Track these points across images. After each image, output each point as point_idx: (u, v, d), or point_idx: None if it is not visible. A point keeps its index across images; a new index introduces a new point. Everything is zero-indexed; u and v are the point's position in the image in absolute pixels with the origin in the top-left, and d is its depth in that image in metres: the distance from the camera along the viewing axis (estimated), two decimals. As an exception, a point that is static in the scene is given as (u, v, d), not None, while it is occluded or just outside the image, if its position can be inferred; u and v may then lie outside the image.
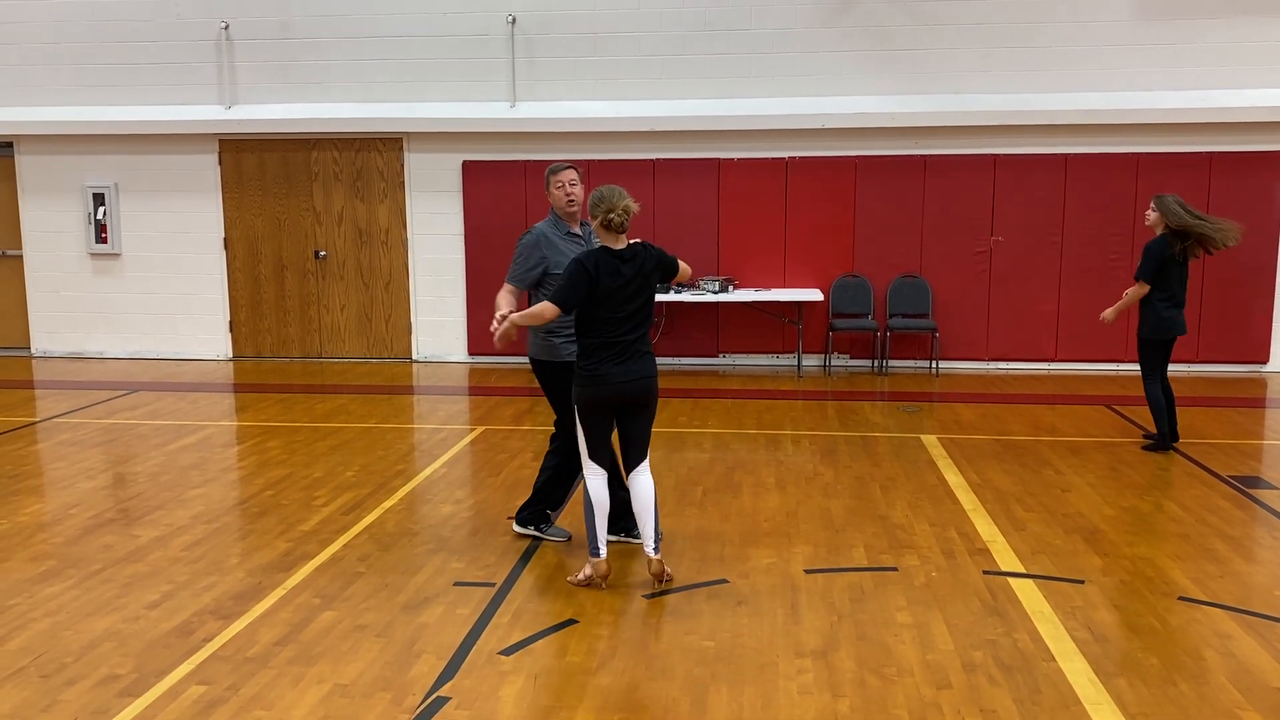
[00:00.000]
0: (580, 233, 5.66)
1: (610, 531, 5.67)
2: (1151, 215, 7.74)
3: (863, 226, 11.43)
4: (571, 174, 5.63)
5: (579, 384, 5.12)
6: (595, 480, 5.21)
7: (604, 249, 5.07)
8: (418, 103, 11.73)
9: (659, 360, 5.45)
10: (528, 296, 5.62)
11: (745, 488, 6.96)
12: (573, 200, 5.60)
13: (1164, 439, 7.86)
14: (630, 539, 5.76)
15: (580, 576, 5.24)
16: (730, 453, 7.94)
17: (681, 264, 5.39)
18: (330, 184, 12.10)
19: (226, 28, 11.85)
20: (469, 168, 11.74)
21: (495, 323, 5.19)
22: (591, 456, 5.21)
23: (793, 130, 11.30)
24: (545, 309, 5.03)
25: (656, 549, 5.20)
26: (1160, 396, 7.81)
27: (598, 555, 5.18)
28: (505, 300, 5.41)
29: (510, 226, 10.81)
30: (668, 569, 5.27)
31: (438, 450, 8.04)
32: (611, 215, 5.01)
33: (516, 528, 5.97)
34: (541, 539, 5.89)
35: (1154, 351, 7.81)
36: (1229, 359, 11.19)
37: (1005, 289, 11.33)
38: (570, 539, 5.84)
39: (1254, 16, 10.81)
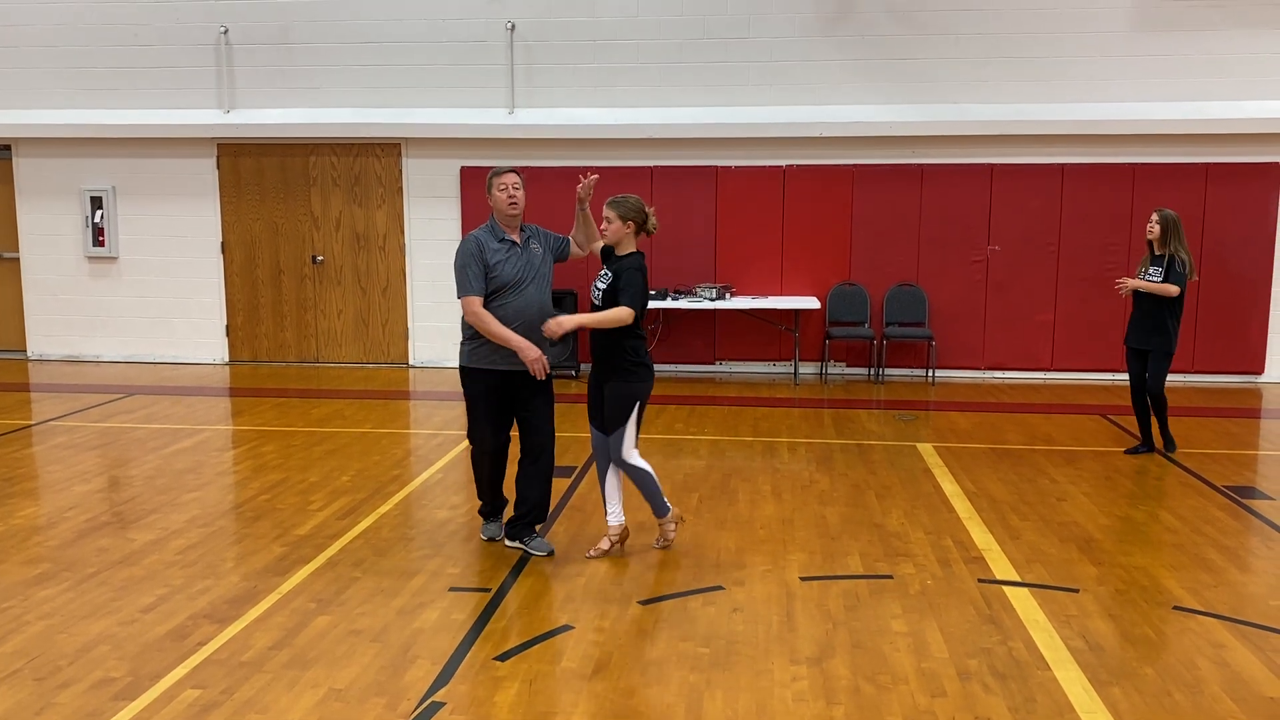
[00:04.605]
0: (517, 239, 5.57)
1: (510, 538, 5.86)
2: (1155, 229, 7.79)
3: (860, 235, 11.45)
4: (515, 177, 5.57)
5: (639, 379, 5.49)
6: (645, 462, 5.64)
7: (635, 255, 5.49)
8: (416, 108, 11.74)
9: (657, 366, 5.92)
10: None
11: (741, 495, 6.97)
12: (514, 202, 5.52)
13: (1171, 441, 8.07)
14: (525, 548, 5.77)
15: (670, 532, 5.82)
16: (726, 460, 7.94)
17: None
18: (328, 189, 12.11)
19: (225, 32, 11.86)
20: (467, 174, 11.75)
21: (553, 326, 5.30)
22: (636, 446, 5.60)
23: (790, 139, 11.32)
24: (625, 313, 5.31)
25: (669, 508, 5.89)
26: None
27: (667, 512, 5.80)
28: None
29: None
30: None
31: (433, 455, 8.04)
32: (653, 221, 5.55)
33: (508, 543, 5.91)
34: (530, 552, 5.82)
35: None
36: (1224, 369, 11.21)
37: (1001, 298, 11.36)
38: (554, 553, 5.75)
39: (1250, 28, 10.85)
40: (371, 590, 5.25)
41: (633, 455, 5.57)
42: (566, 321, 5.30)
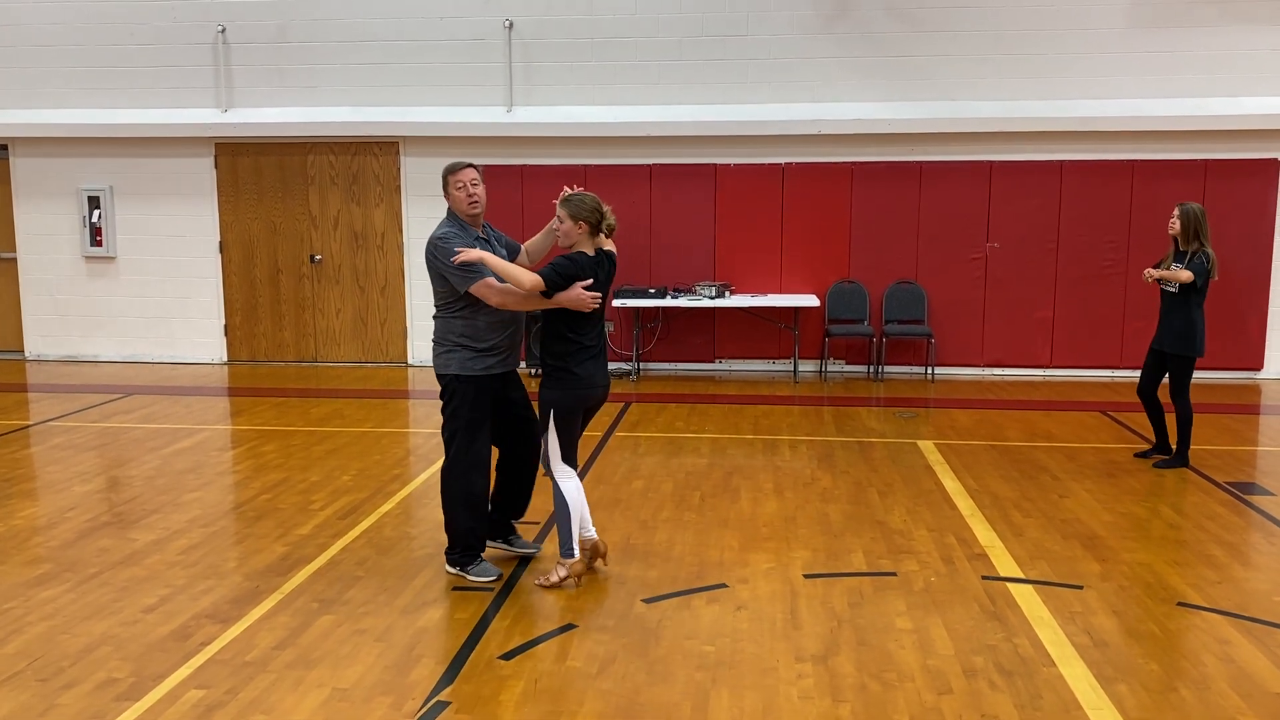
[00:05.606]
0: (484, 235, 5.30)
1: (491, 540, 5.61)
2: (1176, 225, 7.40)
3: (859, 232, 11.45)
4: (472, 173, 5.19)
5: (561, 387, 5.12)
6: (570, 483, 5.21)
7: (582, 253, 5.13)
8: (414, 107, 11.72)
9: (657, 365, 5.56)
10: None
11: (743, 493, 6.96)
12: (475, 201, 5.19)
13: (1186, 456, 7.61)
14: (511, 548, 5.68)
15: (553, 578, 5.23)
16: (728, 458, 7.94)
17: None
18: (326, 188, 12.09)
19: (223, 31, 11.83)
20: (465, 172, 11.71)
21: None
22: (564, 460, 5.21)
23: (789, 136, 11.31)
24: (530, 277, 4.91)
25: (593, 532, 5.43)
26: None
27: (573, 555, 5.22)
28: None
29: (506, 231, 10.78)
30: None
31: (434, 454, 8.02)
32: (610, 221, 5.17)
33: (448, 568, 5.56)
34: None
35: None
36: (1223, 366, 11.20)
37: (1001, 295, 11.35)
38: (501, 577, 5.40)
39: (1246, 25, 10.85)
40: (375, 589, 5.24)
41: (560, 470, 5.17)
42: (470, 253, 4.94)
